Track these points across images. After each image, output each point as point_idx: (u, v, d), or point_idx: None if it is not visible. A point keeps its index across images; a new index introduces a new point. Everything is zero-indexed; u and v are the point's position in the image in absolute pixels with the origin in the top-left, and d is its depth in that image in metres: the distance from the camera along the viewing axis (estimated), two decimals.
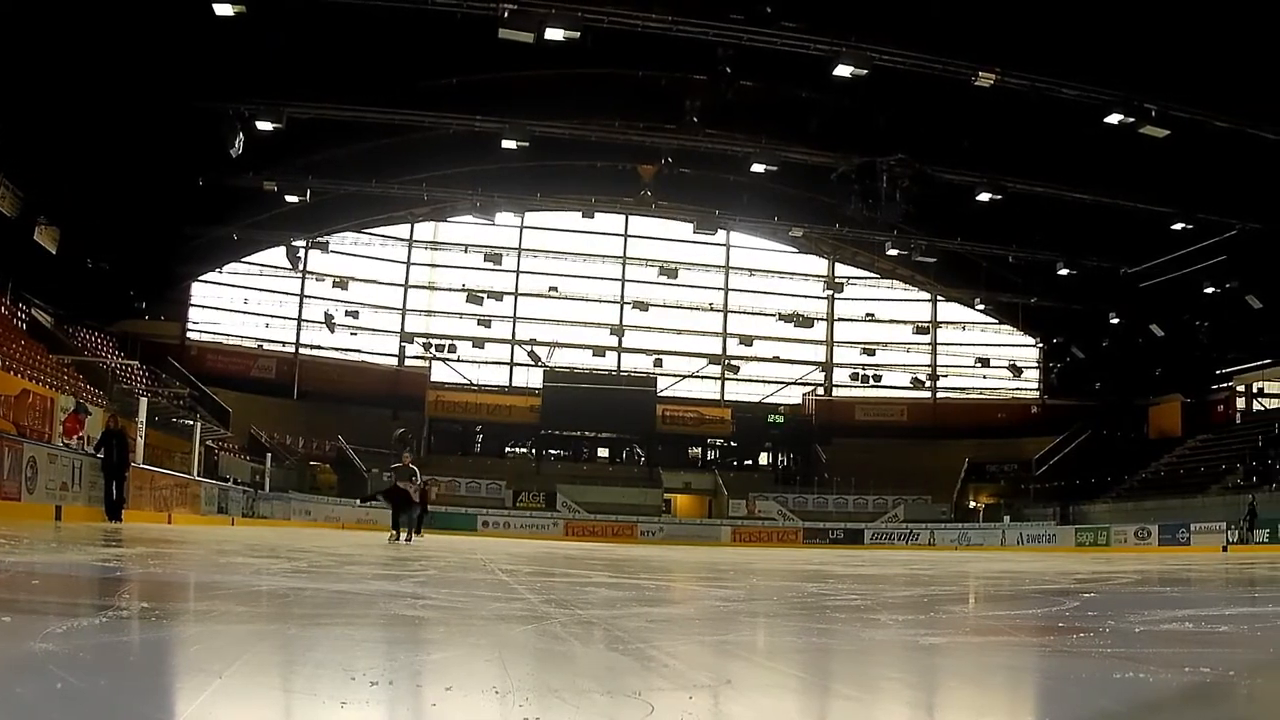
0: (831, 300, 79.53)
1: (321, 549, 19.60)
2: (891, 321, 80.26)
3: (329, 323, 69.52)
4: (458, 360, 76.68)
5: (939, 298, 79.15)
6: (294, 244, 60.14)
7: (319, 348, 72.71)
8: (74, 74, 35.65)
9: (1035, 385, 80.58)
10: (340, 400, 69.36)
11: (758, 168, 46.92)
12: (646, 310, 76.28)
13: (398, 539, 27.78)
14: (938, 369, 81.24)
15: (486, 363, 77.99)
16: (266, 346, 71.90)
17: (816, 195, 52.13)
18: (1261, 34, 32.81)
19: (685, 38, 35.49)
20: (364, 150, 49.03)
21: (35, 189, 44.27)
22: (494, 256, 66.00)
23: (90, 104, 37.73)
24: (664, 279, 70.94)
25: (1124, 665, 4.86)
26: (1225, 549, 46.55)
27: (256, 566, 11.77)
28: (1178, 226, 48.06)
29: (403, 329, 75.82)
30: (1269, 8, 30.51)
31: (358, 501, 48.24)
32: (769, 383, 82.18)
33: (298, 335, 72.71)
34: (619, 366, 79.32)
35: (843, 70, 34.84)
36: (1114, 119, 36.73)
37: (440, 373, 77.01)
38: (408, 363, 75.97)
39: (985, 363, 78.04)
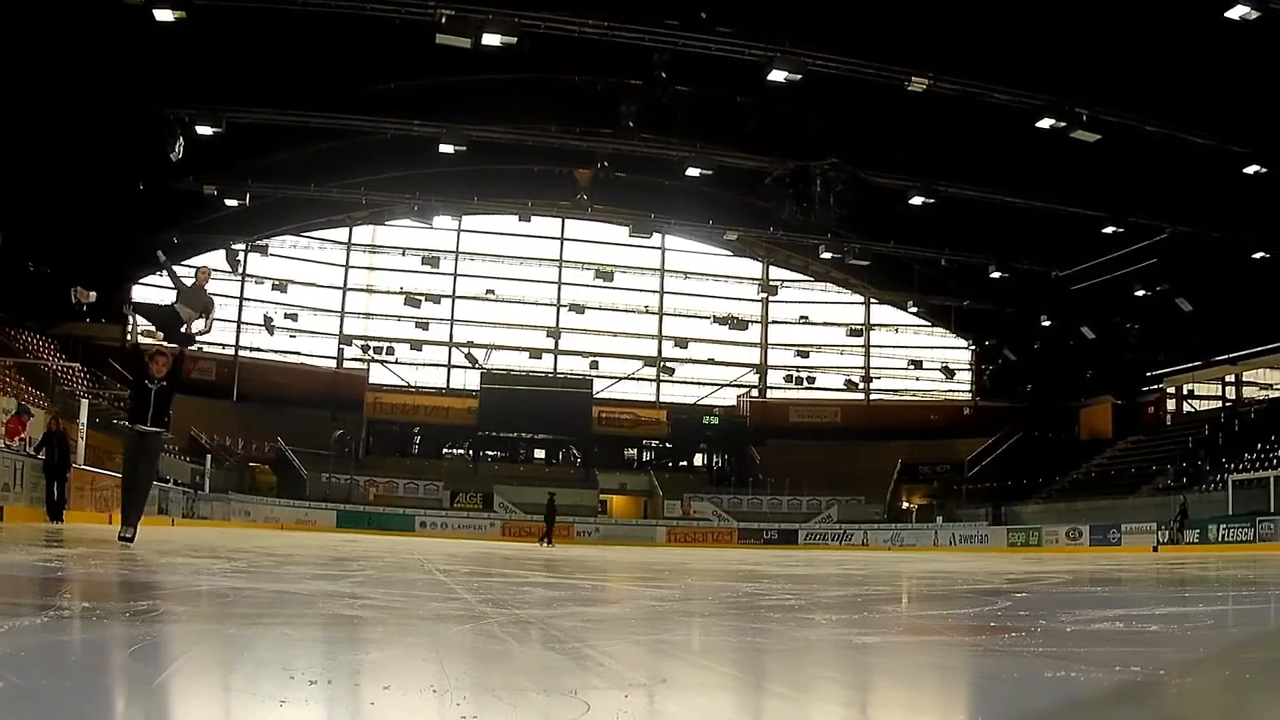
0: (766, 303, 79.52)
1: (261, 549, 19.50)
2: (825, 324, 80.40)
3: (268, 325, 69.28)
4: (396, 362, 76.46)
5: (872, 300, 79.47)
6: (234, 247, 60.16)
7: (258, 350, 72.31)
8: (14, 78, 35.30)
9: (968, 387, 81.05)
10: (279, 402, 68.91)
11: (693, 172, 47.06)
12: (583, 313, 76.16)
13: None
14: (871, 371, 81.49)
15: (424, 365, 77.78)
16: (206, 349, 71.02)
17: (751, 199, 52.38)
18: (1190, 40, 33.20)
19: (621, 43, 35.56)
20: (303, 154, 48.93)
21: None
22: (431, 259, 65.99)
23: (31, 108, 37.42)
24: (600, 282, 71.05)
25: (1055, 664, 4.84)
26: (1156, 549, 46.86)
27: (196, 567, 11.72)
28: (1109, 230, 48.45)
29: (341, 331, 75.45)
30: (1197, 15, 30.85)
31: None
32: (704, 385, 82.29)
33: (237, 338, 72.24)
34: (555, 368, 79.28)
35: (777, 75, 35.05)
36: (1045, 123, 37.11)
37: (378, 375, 76.83)
38: (346, 365, 75.58)
39: (918, 365, 78.29)
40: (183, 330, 18.39)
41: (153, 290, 66.71)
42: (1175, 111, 37.78)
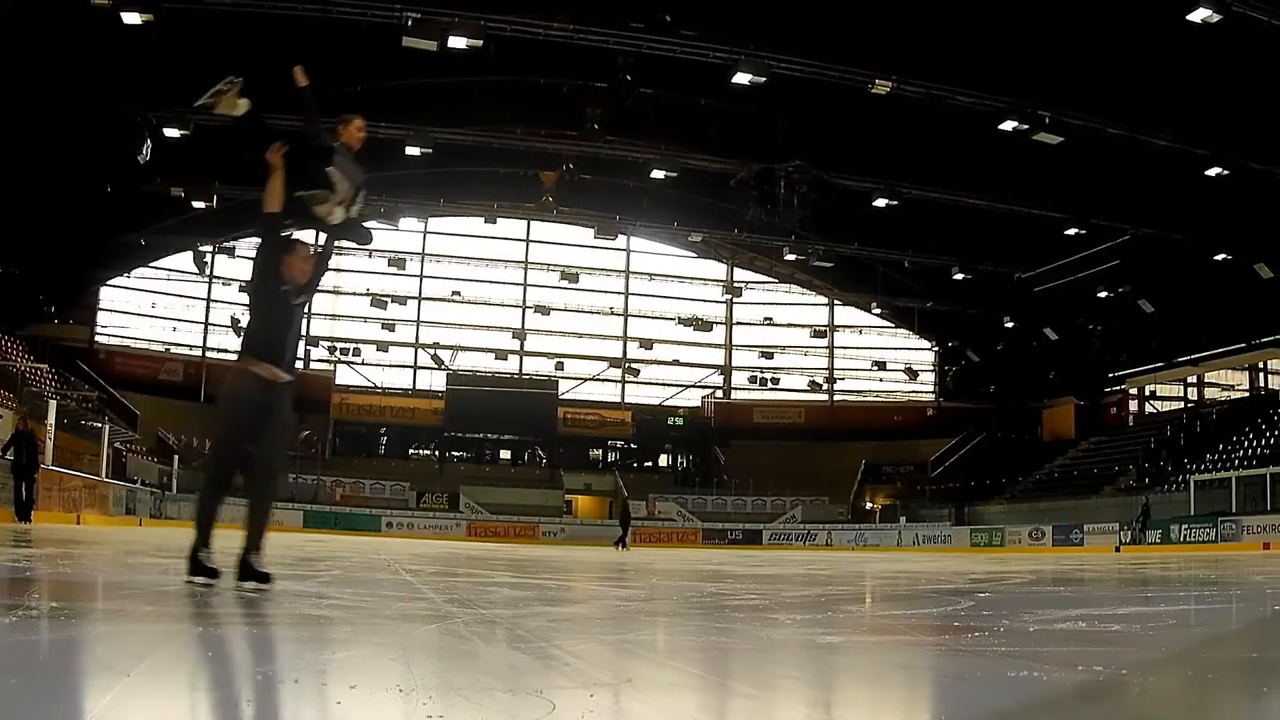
0: (730, 304, 79.45)
1: (227, 549, 19.45)
2: (789, 325, 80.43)
3: (235, 326, 68.81)
4: (362, 363, 76.31)
5: (836, 302, 79.49)
6: (201, 249, 60.12)
7: (226, 351, 71.67)
8: None
9: (931, 388, 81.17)
10: None
11: (658, 174, 47.14)
12: (548, 314, 76.10)
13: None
14: (835, 372, 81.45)
15: (390, 366, 77.54)
16: (174, 350, 71.26)
17: (716, 201, 52.41)
18: (1153, 43, 33.39)
19: (586, 46, 35.55)
20: None
21: None
22: (398, 261, 66.05)
23: None
24: (565, 283, 71.18)
25: (1018, 664, 4.90)
26: (1118, 549, 47.00)
27: (164, 567, 11.69)
28: (1071, 232, 48.61)
29: (307, 333, 74.90)
30: (1159, 18, 31.03)
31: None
32: (669, 385, 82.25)
33: (204, 339, 72.11)
34: (521, 370, 79.08)
35: (741, 78, 35.12)
36: (1008, 126, 37.26)
37: (345, 376, 76.65)
38: (313, 366, 74.95)
39: (882, 366, 78.36)
40: (331, 215, 9.93)
41: (118, 290, 66.99)
42: (1137, 114, 37.98)
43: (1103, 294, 55.72)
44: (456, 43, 32.26)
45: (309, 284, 9.11)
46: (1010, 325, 64.95)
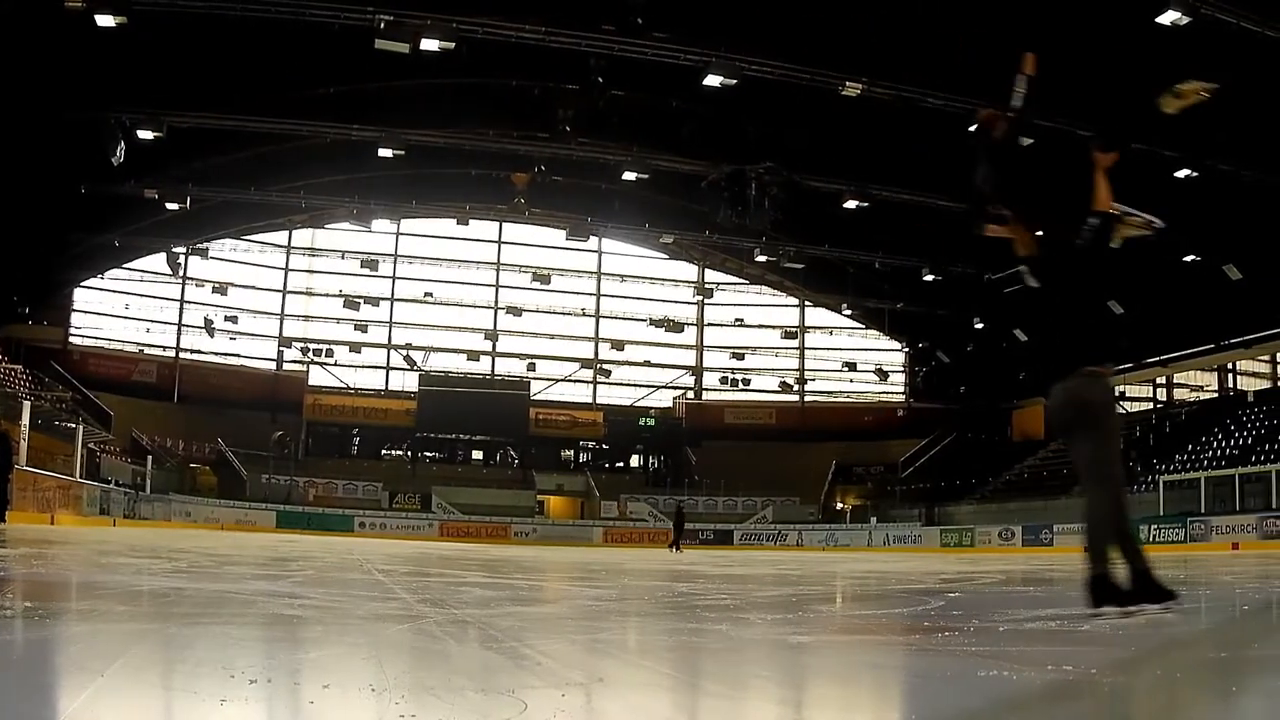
0: (701, 305, 79.51)
1: (201, 550, 19.46)
2: (760, 326, 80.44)
3: (208, 327, 69.03)
4: (335, 364, 76.16)
5: (807, 303, 79.62)
6: (174, 250, 59.96)
7: (199, 352, 71.88)
8: None
9: (901, 389, 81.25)
10: (220, 403, 68.68)
11: (629, 175, 47.12)
12: (520, 315, 76.06)
13: None
14: (806, 373, 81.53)
15: (363, 367, 77.51)
16: (148, 351, 70.99)
17: (687, 202, 52.38)
18: (1122, 45, 33.55)
19: (558, 48, 35.54)
20: (244, 158, 48.85)
21: None
22: (370, 263, 65.89)
23: None
24: (537, 285, 70.95)
25: (988, 664, 4.94)
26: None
27: (138, 567, 11.71)
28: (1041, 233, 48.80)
29: (281, 334, 75.02)
30: (1128, 20, 31.17)
31: None
32: (640, 386, 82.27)
33: (178, 340, 71.78)
34: (493, 371, 79.10)
35: (713, 80, 35.14)
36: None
37: (318, 377, 76.46)
38: (286, 367, 75.34)
39: (852, 367, 78.41)
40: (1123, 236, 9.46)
41: (92, 291, 66.83)
42: (1107, 116, 38.12)
43: None
44: (429, 45, 32.23)
45: None
46: (980, 326, 65.07)
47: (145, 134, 39.45)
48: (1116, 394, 7.83)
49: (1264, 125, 37.32)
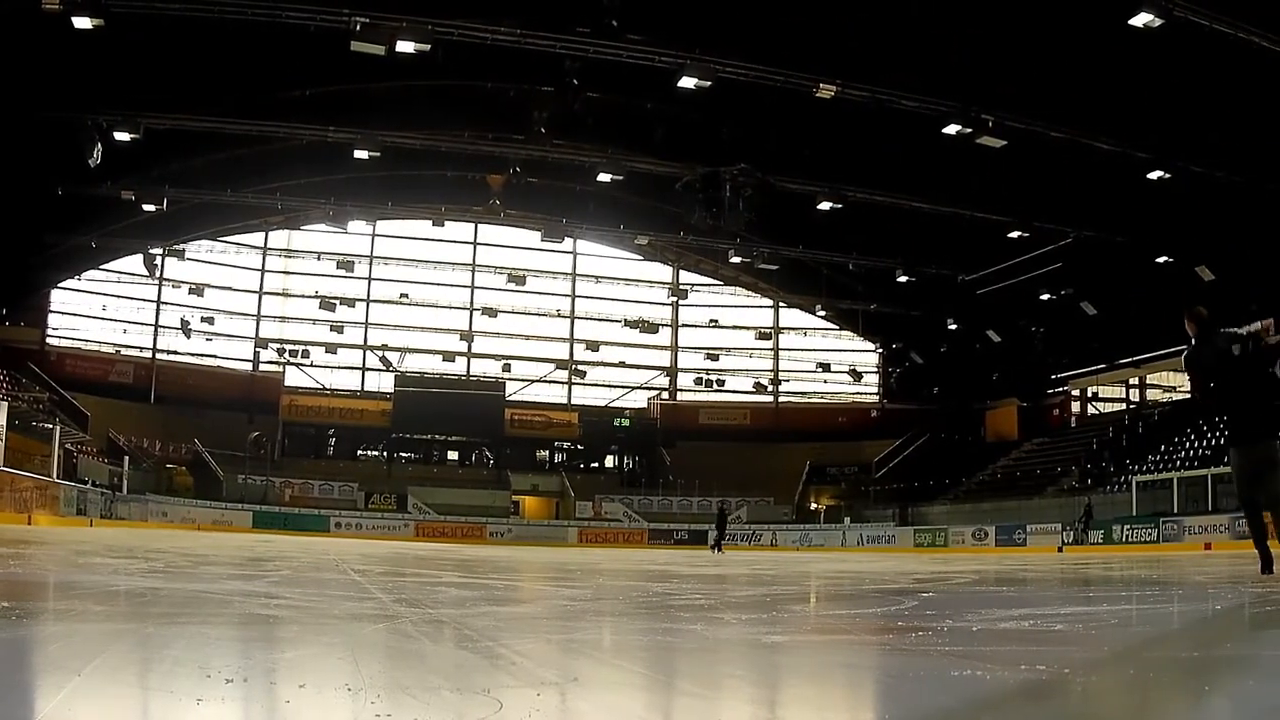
0: (676, 307, 79.76)
1: (178, 550, 19.41)
2: (735, 327, 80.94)
3: (185, 328, 69.29)
4: (311, 365, 76.47)
5: (781, 304, 79.94)
6: (151, 252, 60.28)
7: (176, 353, 72.16)
8: None
9: (875, 390, 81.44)
10: (197, 404, 68.86)
11: (604, 177, 47.10)
12: (495, 316, 76.29)
13: None
14: (780, 374, 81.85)
15: (339, 368, 77.80)
16: (125, 352, 71.18)
17: (662, 204, 52.46)
18: (1095, 48, 33.70)
19: (533, 50, 35.49)
20: (220, 160, 48.86)
21: None
22: (346, 264, 65.87)
23: None
24: (512, 286, 71.13)
25: (962, 663, 4.87)
26: (1061, 550, 47.20)
27: (114, 567, 11.68)
28: (1015, 235, 48.94)
29: (257, 335, 75.25)
30: (1102, 23, 31.29)
31: None
32: (615, 387, 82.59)
33: (155, 341, 72.04)
34: (469, 371, 79.41)
35: (687, 82, 35.12)
36: (952, 129, 37.39)
37: (294, 377, 76.81)
38: (262, 368, 75.58)
39: (826, 368, 78.75)
40: None
41: (69, 292, 66.76)
42: (1080, 118, 38.27)
43: (1045, 296, 56.19)
44: (404, 47, 32.19)
45: None
46: (954, 327, 65.36)
47: (122, 135, 39.40)
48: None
49: (1236, 126, 37.52)
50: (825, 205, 46.50)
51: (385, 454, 77.38)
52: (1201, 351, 12.39)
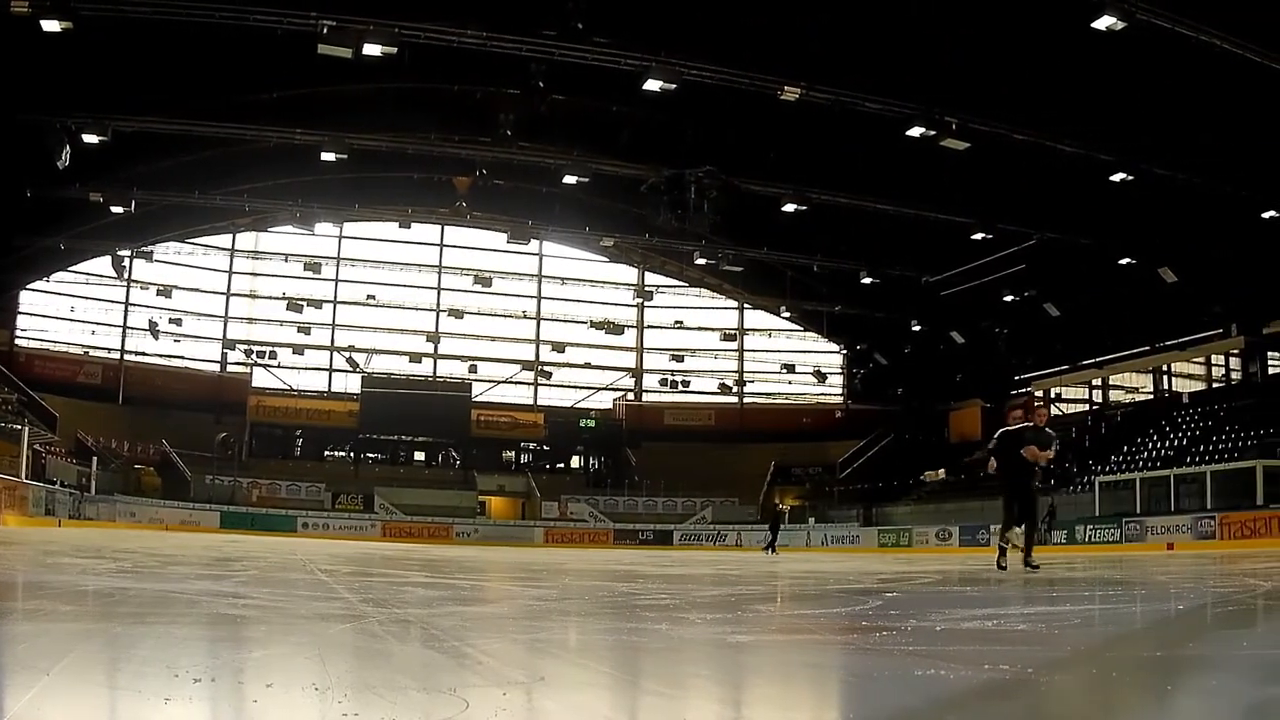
0: (641, 308, 79.83)
1: (146, 550, 19.41)
2: (700, 329, 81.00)
3: (153, 330, 69.10)
4: (278, 366, 76.20)
5: (746, 305, 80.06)
6: (119, 254, 60.47)
7: (144, 354, 71.89)
8: None
9: (839, 391, 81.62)
10: (165, 405, 68.59)
11: (570, 179, 47.05)
12: (462, 318, 76.07)
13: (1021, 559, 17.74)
14: (745, 375, 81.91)
15: (306, 369, 77.55)
16: (93, 353, 70.91)
17: (627, 206, 52.48)
18: (1058, 50, 33.88)
19: (499, 53, 35.41)
20: (188, 162, 48.63)
21: None
22: (313, 265, 65.59)
23: None
24: (479, 288, 71.09)
25: (925, 663, 4.98)
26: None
27: (83, 567, 11.70)
28: (978, 236, 49.08)
29: (225, 336, 75.03)
30: (1064, 26, 31.45)
31: None
32: (581, 388, 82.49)
33: (123, 342, 71.73)
34: (435, 373, 79.24)
35: (652, 84, 35.09)
36: (915, 132, 37.43)
37: (261, 378, 76.57)
38: (230, 369, 75.41)
39: (791, 369, 78.85)
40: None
41: (37, 293, 66.65)
42: (1043, 120, 38.42)
43: (1009, 298, 56.43)
44: (371, 50, 32.11)
45: None
46: (918, 329, 65.54)
47: (90, 138, 39.26)
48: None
49: (1198, 129, 37.74)
50: (790, 207, 46.60)
51: (352, 454, 77.28)
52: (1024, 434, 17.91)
